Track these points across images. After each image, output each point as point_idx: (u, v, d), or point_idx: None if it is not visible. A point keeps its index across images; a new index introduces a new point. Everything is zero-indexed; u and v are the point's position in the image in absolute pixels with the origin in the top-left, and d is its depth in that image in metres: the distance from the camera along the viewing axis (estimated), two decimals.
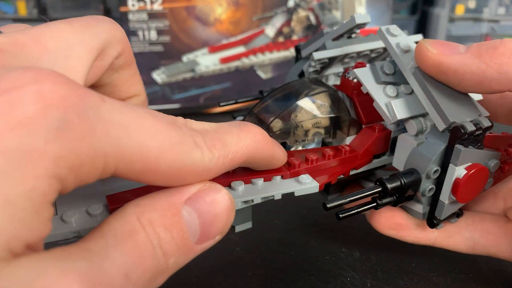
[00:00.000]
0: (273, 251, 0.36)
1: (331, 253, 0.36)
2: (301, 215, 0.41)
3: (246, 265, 0.34)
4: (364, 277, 0.33)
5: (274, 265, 0.34)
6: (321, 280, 0.33)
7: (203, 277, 0.33)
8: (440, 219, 0.27)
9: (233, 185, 0.26)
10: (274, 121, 0.29)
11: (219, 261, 0.35)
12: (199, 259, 0.35)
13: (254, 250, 0.36)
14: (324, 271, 0.34)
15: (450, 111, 0.24)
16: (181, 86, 0.65)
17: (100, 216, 0.23)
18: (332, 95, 0.30)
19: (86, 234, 0.22)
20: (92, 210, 0.23)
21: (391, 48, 0.27)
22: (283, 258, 0.35)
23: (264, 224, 0.39)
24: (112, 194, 0.24)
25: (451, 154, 0.25)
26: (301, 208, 0.42)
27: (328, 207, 0.24)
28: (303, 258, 0.35)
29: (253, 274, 0.33)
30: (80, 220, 0.23)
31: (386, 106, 0.27)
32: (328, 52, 0.33)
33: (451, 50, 0.24)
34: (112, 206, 0.23)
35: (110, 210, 0.23)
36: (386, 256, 0.35)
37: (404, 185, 0.25)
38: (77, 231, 0.22)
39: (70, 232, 0.22)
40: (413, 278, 0.33)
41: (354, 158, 0.29)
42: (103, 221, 0.17)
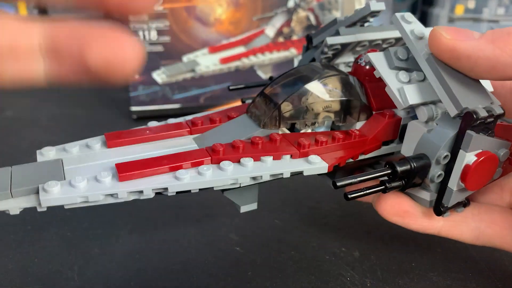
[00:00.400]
0: (273, 251, 0.36)
1: (331, 252, 0.36)
2: (301, 215, 0.41)
3: (246, 265, 0.34)
4: (364, 277, 0.33)
5: (274, 265, 0.34)
6: (321, 279, 0.33)
7: (203, 277, 0.33)
8: (447, 206, 0.27)
9: (242, 161, 0.26)
10: (285, 102, 0.29)
11: (219, 261, 0.35)
12: (199, 259, 0.35)
13: (254, 250, 0.36)
14: (324, 270, 0.34)
15: (462, 97, 0.25)
16: (181, 86, 0.65)
17: (108, 183, 0.23)
18: (343, 79, 0.30)
19: (94, 199, 0.22)
20: (101, 176, 0.23)
21: (405, 35, 0.27)
22: (283, 258, 0.35)
23: (264, 224, 0.39)
24: (121, 163, 0.25)
25: (462, 140, 0.25)
26: (301, 207, 0.42)
27: (338, 185, 0.24)
28: (303, 258, 0.35)
29: (253, 274, 0.33)
30: (88, 185, 0.23)
31: (398, 91, 0.27)
32: (341, 38, 0.33)
33: (465, 36, 0.24)
34: (121, 174, 0.24)
35: (119, 178, 0.24)
36: (386, 255, 0.35)
37: (413, 169, 0.25)
38: (85, 196, 0.23)
39: (78, 196, 0.23)
40: (413, 278, 0.33)
41: (364, 143, 0.29)
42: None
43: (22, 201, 0.22)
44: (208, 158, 0.26)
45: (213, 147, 0.26)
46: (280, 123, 0.29)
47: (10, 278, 0.32)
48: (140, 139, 0.29)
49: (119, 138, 0.28)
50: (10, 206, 0.22)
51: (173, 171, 0.25)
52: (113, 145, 0.28)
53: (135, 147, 0.28)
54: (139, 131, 0.29)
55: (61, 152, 0.27)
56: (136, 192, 0.24)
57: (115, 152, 0.27)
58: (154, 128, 0.30)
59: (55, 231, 0.38)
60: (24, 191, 0.23)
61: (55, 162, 0.26)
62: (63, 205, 0.23)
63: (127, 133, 0.29)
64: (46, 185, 0.22)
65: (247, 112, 0.31)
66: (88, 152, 0.27)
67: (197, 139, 0.29)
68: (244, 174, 0.25)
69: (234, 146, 0.27)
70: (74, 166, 0.25)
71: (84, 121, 0.63)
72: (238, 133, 0.29)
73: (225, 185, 0.26)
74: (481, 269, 0.34)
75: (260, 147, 0.27)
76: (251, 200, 0.29)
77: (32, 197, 0.23)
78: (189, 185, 0.24)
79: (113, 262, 0.34)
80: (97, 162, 0.26)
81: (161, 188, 0.24)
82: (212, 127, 0.30)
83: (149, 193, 0.24)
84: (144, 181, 0.24)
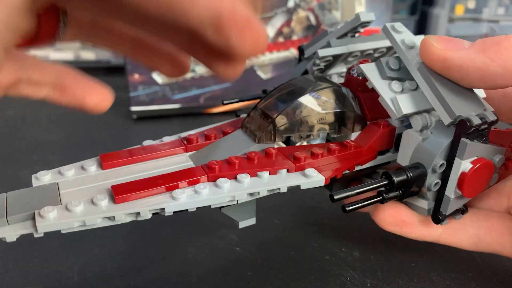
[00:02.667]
0: (273, 251, 0.36)
1: (331, 253, 0.36)
2: (301, 215, 0.41)
3: (246, 265, 0.34)
4: (363, 277, 0.33)
5: (274, 265, 0.34)
6: (321, 279, 0.33)
7: (203, 277, 0.33)
8: (445, 214, 0.27)
9: (239, 177, 0.26)
10: (279, 116, 0.29)
11: (219, 261, 0.35)
12: (199, 259, 0.35)
13: (254, 250, 0.36)
14: (324, 270, 0.34)
15: (455, 105, 0.25)
16: (181, 86, 0.65)
17: (104, 205, 0.23)
18: (336, 90, 0.30)
19: (91, 223, 0.23)
20: (97, 199, 0.23)
21: (396, 45, 0.27)
22: (283, 258, 0.35)
23: (264, 224, 0.39)
24: (117, 184, 0.25)
25: (457, 148, 0.25)
26: (301, 208, 0.42)
27: (335, 199, 0.24)
28: (303, 258, 0.35)
29: (253, 274, 0.33)
30: (85, 209, 0.23)
31: (391, 101, 0.27)
32: (333, 49, 0.33)
33: (455, 46, 0.24)
34: (118, 196, 0.24)
35: (115, 200, 0.23)
36: (386, 256, 0.35)
37: (410, 178, 0.25)
38: (82, 220, 0.23)
39: (74, 220, 0.22)
40: (413, 278, 0.33)
41: (359, 154, 0.29)
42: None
43: (18, 227, 0.22)
44: (205, 176, 0.26)
45: (209, 164, 0.26)
46: (275, 137, 0.29)
47: (10, 278, 0.32)
48: (136, 159, 0.28)
49: (114, 159, 0.28)
50: (6, 234, 0.22)
51: (169, 191, 0.25)
52: (108, 166, 0.28)
53: (130, 167, 0.28)
54: (134, 151, 0.29)
55: (56, 175, 0.27)
56: (133, 214, 0.24)
57: (110, 173, 0.27)
58: (149, 147, 0.30)
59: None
60: (20, 218, 0.22)
61: (50, 187, 0.25)
62: (59, 230, 0.23)
63: (122, 153, 0.29)
64: (42, 211, 0.22)
65: (242, 127, 0.31)
66: (83, 175, 0.27)
67: (192, 156, 0.29)
68: (241, 190, 0.25)
69: (230, 162, 0.27)
70: (70, 190, 0.25)
71: (84, 121, 0.63)
72: (233, 149, 0.29)
73: (223, 203, 0.26)
74: (481, 269, 0.34)
75: (256, 163, 0.27)
76: (249, 215, 0.29)
77: (29, 223, 0.22)
78: (186, 205, 0.24)
79: (113, 262, 0.34)
80: (93, 185, 0.26)
81: (158, 208, 0.24)
82: (207, 143, 0.30)
83: (146, 215, 0.24)
84: (140, 202, 0.24)
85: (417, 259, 0.35)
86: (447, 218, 0.27)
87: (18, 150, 0.54)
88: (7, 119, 0.64)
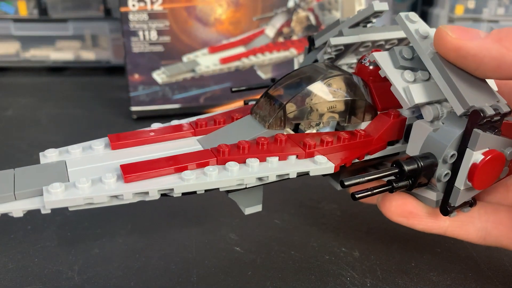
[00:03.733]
0: (273, 251, 0.36)
1: (331, 252, 0.36)
2: (301, 215, 0.41)
3: (246, 265, 0.34)
4: (363, 277, 0.33)
5: (274, 265, 0.34)
6: (321, 279, 0.33)
7: (203, 277, 0.33)
8: (454, 206, 0.27)
9: (248, 161, 0.26)
10: (290, 103, 0.28)
11: (219, 261, 0.35)
12: (199, 259, 0.35)
13: (254, 250, 0.36)
14: (323, 270, 0.34)
15: (469, 95, 0.24)
16: (181, 86, 0.65)
17: (113, 184, 0.23)
18: (348, 79, 0.30)
19: (99, 201, 0.23)
20: (106, 178, 0.23)
21: (410, 34, 0.27)
22: (283, 258, 0.35)
23: (264, 224, 0.39)
24: (126, 164, 0.25)
25: (469, 139, 0.25)
26: (301, 208, 0.42)
27: (346, 184, 0.24)
28: (303, 257, 0.35)
29: (253, 274, 0.33)
30: (93, 187, 0.23)
31: (403, 91, 0.27)
32: (345, 38, 0.33)
33: (471, 35, 0.24)
34: (127, 175, 0.24)
35: (124, 179, 0.23)
36: (385, 255, 0.35)
37: (420, 168, 0.25)
38: (90, 197, 0.23)
39: (82, 197, 0.22)
40: (413, 277, 0.33)
41: (369, 143, 0.29)
42: None
43: (25, 203, 0.22)
44: (214, 159, 0.26)
45: (218, 147, 0.26)
46: (285, 123, 0.29)
47: (10, 278, 0.32)
48: (144, 141, 0.29)
49: (122, 139, 0.28)
50: (13, 208, 0.22)
51: (178, 172, 0.25)
52: (116, 147, 0.28)
53: (139, 149, 0.28)
54: (142, 133, 0.29)
55: (64, 154, 0.27)
56: (141, 194, 0.24)
57: (119, 154, 0.27)
58: (157, 129, 0.30)
59: (55, 231, 0.38)
60: (28, 193, 0.22)
61: (58, 164, 0.25)
62: (67, 207, 0.23)
63: (131, 134, 0.29)
64: (50, 187, 0.22)
65: (251, 113, 0.30)
66: (91, 154, 0.27)
67: (201, 140, 0.29)
68: (250, 174, 0.25)
69: (239, 146, 0.26)
70: (77, 168, 0.25)
71: (84, 121, 0.63)
72: (242, 134, 0.28)
73: (231, 186, 0.25)
74: (481, 269, 0.34)
75: (265, 148, 0.27)
76: (255, 202, 0.29)
77: (36, 199, 0.22)
78: (194, 186, 0.24)
79: (113, 262, 0.34)
80: (101, 164, 0.26)
81: (167, 189, 0.24)
82: (216, 128, 0.30)
83: (154, 194, 0.24)
84: (149, 182, 0.24)
85: (417, 259, 0.35)
86: (455, 210, 0.27)
87: (18, 150, 0.54)
88: (7, 119, 0.64)
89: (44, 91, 0.76)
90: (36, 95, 0.73)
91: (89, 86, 0.78)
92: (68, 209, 0.23)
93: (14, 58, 0.83)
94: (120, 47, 0.81)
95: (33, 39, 0.82)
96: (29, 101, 0.71)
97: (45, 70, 0.86)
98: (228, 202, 0.29)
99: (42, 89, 0.77)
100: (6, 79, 0.82)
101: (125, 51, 0.62)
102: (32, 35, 0.81)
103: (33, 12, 0.79)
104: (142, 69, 0.63)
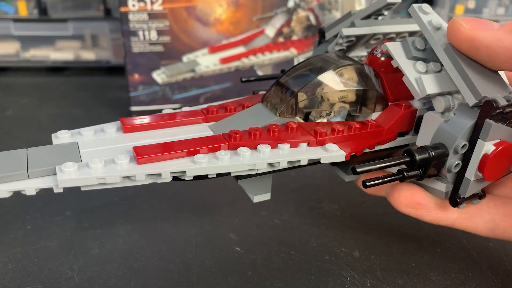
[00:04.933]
0: (273, 251, 0.36)
1: (331, 252, 0.36)
2: (301, 215, 0.41)
3: (246, 265, 0.34)
4: (363, 277, 0.33)
5: (274, 265, 0.34)
6: (321, 279, 0.33)
7: (203, 277, 0.33)
8: (463, 197, 0.27)
9: (259, 147, 0.26)
10: (301, 91, 0.29)
11: (219, 261, 0.35)
12: (199, 259, 0.35)
13: (254, 250, 0.36)
14: (323, 270, 0.34)
15: (481, 86, 0.24)
16: (181, 86, 0.65)
17: (126, 165, 0.23)
18: (359, 69, 0.30)
19: (111, 181, 0.23)
20: (118, 159, 0.23)
21: (423, 25, 0.27)
22: (283, 258, 0.35)
23: (264, 224, 0.39)
24: (139, 146, 0.25)
25: (481, 129, 0.25)
26: (301, 208, 0.42)
27: (358, 171, 0.24)
28: (303, 258, 0.35)
29: (253, 274, 0.33)
30: (106, 168, 0.23)
31: (416, 81, 0.27)
32: (357, 29, 0.33)
33: (484, 26, 0.24)
34: (139, 156, 0.24)
35: (137, 160, 0.24)
36: (385, 255, 0.35)
37: (432, 157, 0.25)
38: (102, 177, 0.23)
39: (95, 177, 0.23)
40: (413, 277, 0.33)
41: (380, 133, 0.29)
42: None
43: (38, 181, 0.22)
44: (225, 144, 0.26)
45: (230, 133, 0.26)
46: (296, 112, 0.29)
47: (10, 278, 0.32)
48: (156, 125, 0.29)
49: (134, 123, 0.28)
50: (26, 186, 0.22)
51: (190, 156, 0.25)
52: (128, 130, 0.28)
53: (150, 133, 0.28)
54: (154, 117, 0.30)
55: (76, 135, 0.27)
56: (154, 175, 0.24)
57: (130, 137, 0.27)
58: (169, 114, 0.30)
59: (55, 231, 0.38)
60: (41, 172, 0.23)
61: (71, 145, 0.26)
62: (79, 187, 0.23)
63: (143, 118, 0.29)
64: (64, 166, 0.22)
65: (263, 101, 0.31)
66: (103, 136, 0.27)
67: (212, 126, 0.29)
68: (261, 160, 0.25)
69: (251, 133, 0.27)
70: (90, 149, 0.25)
71: (84, 121, 0.63)
72: (254, 121, 0.29)
73: (242, 171, 0.26)
74: (481, 269, 0.34)
75: (276, 135, 0.27)
76: (264, 190, 0.29)
77: (49, 178, 0.23)
78: (207, 169, 0.24)
79: (113, 262, 0.34)
80: (113, 146, 0.26)
81: (179, 171, 0.24)
82: (227, 115, 0.30)
83: (167, 176, 0.24)
84: (161, 164, 0.24)
85: (417, 259, 0.35)
86: (464, 202, 0.27)
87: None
88: (7, 119, 0.64)
89: (44, 91, 0.76)
90: (36, 95, 0.73)
91: (89, 86, 0.78)
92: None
93: (14, 58, 0.83)
94: (120, 47, 0.81)
95: (33, 39, 0.82)
96: (29, 101, 0.71)
97: (45, 70, 0.86)
98: (228, 202, 0.29)
99: (42, 89, 0.77)
100: (6, 79, 0.82)
101: (125, 51, 0.62)
102: (32, 35, 0.81)
103: (33, 12, 0.79)
104: (142, 69, 0.63)
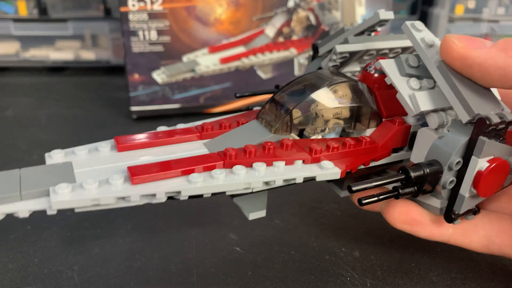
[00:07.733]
0: (273, 251, 0.36)
1: (331, 252, 0.36)
2: (301, 215, 0.41)
3: (246, 265, 0.34)
4: (363, 277, 0.33)
5: (274, 265, 0.34)
6: (321, 279, 0.33)
7: (203, 277, 0.33)
8: (458, 213, 0.27)
9: (255, 165, 0.26)
10: (296, 108, 0.29)
11: (219, 261, 0.35)
12: (199, 259, 0.35)
13: (254, 250, 0.36)
14: (324, 270, 0.34)
15: (474, 103, 0.25)
16: (181, 86, 0.65)
17: (120, 186, 0.23)
18: (353, 85, 0.30)
19: (106, 202, 0.22)
20: (113, 179, 0.23)
21: (416, 42, 0.27)
22: (283, 258, 0.35)
23: (264, 224, 0.39)
24: (133, 166, 0.25)
25: (474, 146, 0.25)
26: (301, 208, 0.42)
27: (353, 190, 0.24)
28: (303, 258, 0.35)
29: (253, 274, 0.33)
30: (100, 188, 0.23)
31: (409, 98, 0.27)
32: (351, 46, 0.33)
33: (477, 44, 0.25)
34: (134, 176, 0.23)
35: (132, 181, 0.23)
36: (385, 255, 0.35)
37: (426, 174, 0.25)
38: (96, 198, 0.22)
39: (89, 199, 0.22)
40: (413, 277, 0.33)
41: (374, 150, 0.29)
42: None
43: (31, 203, 0.22)
44: (221, 162, 0.26)
45: (225, 151, 0.26)
46: (291, 129, 0.29)
47: (10, 278, 0.32)
48: (150, 143, 0.29)
49: (129, 142, 0.28)
50: (19, 209, 0.22)
51: (185, 175, 0.25)
52: (123, 149, 0.28)
53: (145, 151, 0.28)
54: (148, 135, 0.29)
55: (70, 155, 0.27)
56: (148, 196, 0.24)
57: (125, 156, 0.27)
58: (163, 132, 0.30)
59: (55, 231, 0.38)
60: (34, 194, 0.22)
61: (64, 165, 0.25)
62: (73, 209, 0.22)
63: (137, 136, 0.29)
64: (57, 187, 0.22)
65: (257, 118, 0.31)
66: (97, 156, 0.27)
67: (207, 144, 0.29)
68: (257, 178, 0.25)
69: (246, 150, 0.27)
70: (84, 169, 0.25)
71: (84, 121, 0.63)
72: (249, 138, 0.29)
73: (238, 190, 0.25)
74: (481, 269, 0.34)
75: (272, 152, 0.27)
76: (260, 207, 0.29)
77: (42, 200, 0.22)
78: (202, 189, 0.24)
79: (113, 262, 0.34)
80: (107, 166, 0.26)
81: (174, 191, 0.24)
82: (222, 132, 0.30)
83: (161, 197, 0.24)
84: (156, 184, 0.24)
85: (417, 259, 0.35)
86: (459, 218, 0.27)
87: (18, 150, 0.54)
88: (7, 119, 0.64)
89: (44, 91, 0.76)
90: (36, 95, 0.73)
91: (89, 86, 0.78)
92: (70, 209, 0.23)
93: (14, 58, 0.82)
94: (120, 47, 0.81)
95: (33, 39, 0.81)
96: (29, 101, 0.71)
97: (45, 70, 0.86)
98: (228, 202, 0.29)
99: (42, 89, 0.77)
100: (6, 79, 0.81)
101: (125, 51, 0.62)
102: (32, 35, 0.81)
103: (33, 12, 0.79)
104: (142, 69, 0.63)
